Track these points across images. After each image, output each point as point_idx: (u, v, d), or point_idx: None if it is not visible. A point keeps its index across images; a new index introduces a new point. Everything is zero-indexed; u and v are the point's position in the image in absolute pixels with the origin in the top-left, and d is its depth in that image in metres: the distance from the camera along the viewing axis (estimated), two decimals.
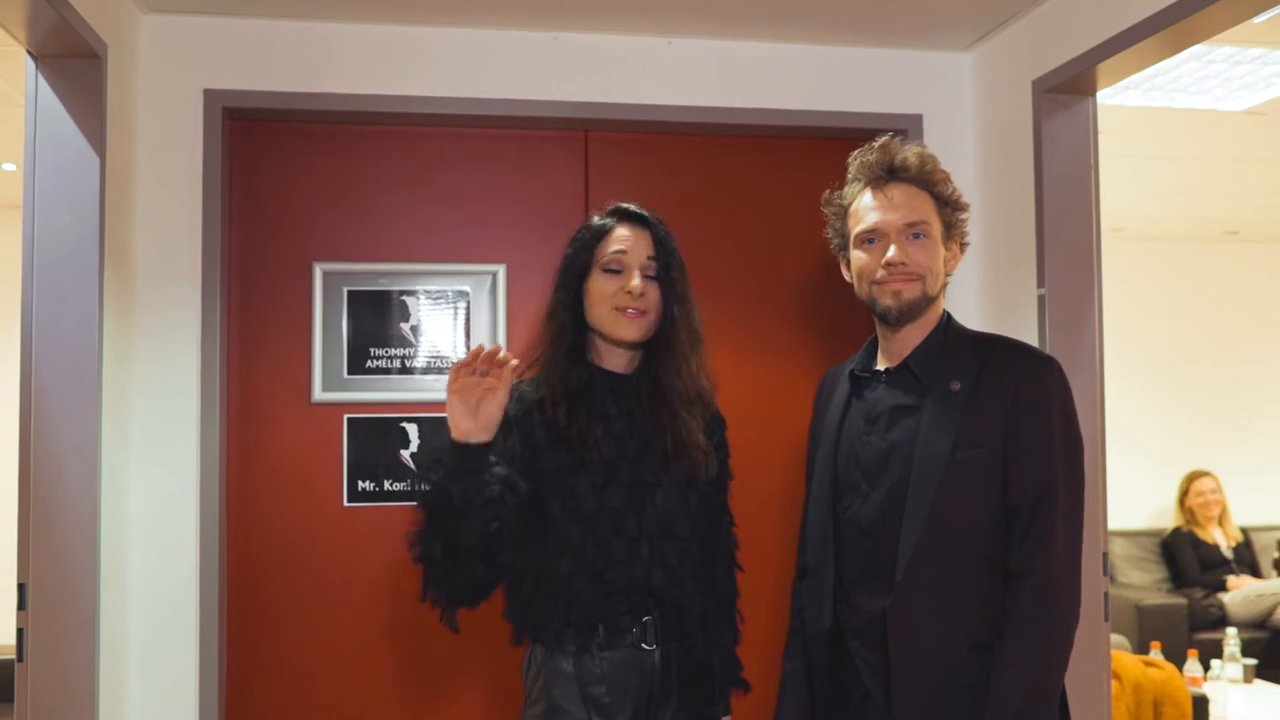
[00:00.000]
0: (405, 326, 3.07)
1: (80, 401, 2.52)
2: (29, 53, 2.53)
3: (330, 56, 2.99)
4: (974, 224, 3.16)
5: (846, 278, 2.18)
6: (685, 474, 2.12)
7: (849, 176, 2.17)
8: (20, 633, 2.49)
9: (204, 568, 2.86)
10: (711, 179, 3.22)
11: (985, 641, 1.93)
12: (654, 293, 2.13)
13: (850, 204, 2.15)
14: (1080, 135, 2.93)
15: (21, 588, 2.49)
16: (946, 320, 2.12)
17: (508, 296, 3.09)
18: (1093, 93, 2.90)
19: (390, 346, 3.07)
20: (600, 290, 2.12)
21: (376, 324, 3.06)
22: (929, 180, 2.10)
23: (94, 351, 2.53)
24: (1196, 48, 3.45)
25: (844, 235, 2.16)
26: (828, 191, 2.22)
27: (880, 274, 2.06)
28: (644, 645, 2.06)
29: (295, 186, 3.05)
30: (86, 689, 2.52)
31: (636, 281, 2.10)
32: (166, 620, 2.85)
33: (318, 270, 3.03)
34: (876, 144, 2.14)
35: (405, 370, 3.07)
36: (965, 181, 3.17)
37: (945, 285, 2.13)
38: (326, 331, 3.03)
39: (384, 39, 3.01)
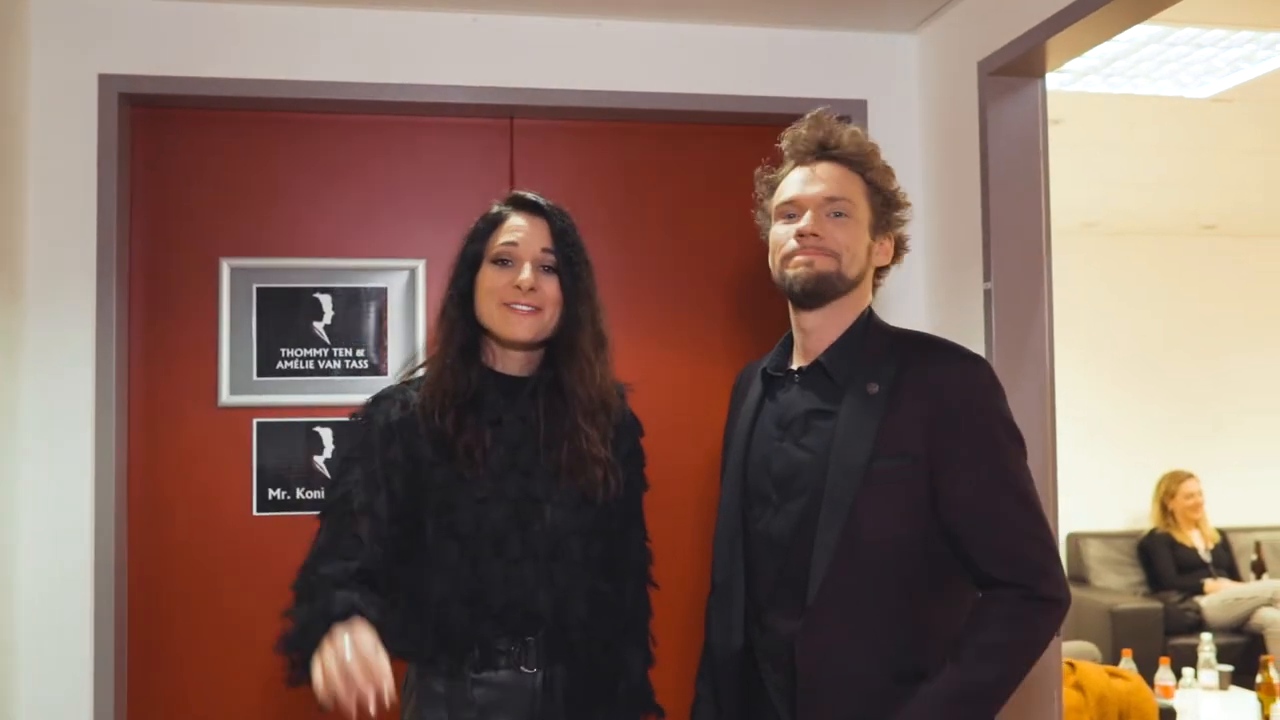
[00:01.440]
0: (319, 326, 2.90)
1: None
2: None
3: (237, 39, 2.82)
4: (920, 215, 3.03)
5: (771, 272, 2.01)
6: (580, 489, 1.94)
7: (784, 154, 2.00)
8: None
9: (99, 581, 2.69)
10: (642, 168, 3.06)
11: (911, 670, 1.74)
12: (550, 288, 1.95)
13: (779, 181, 1.98)
14: (1028, 120, 2.76)
15: None
16: (868, 316, 1.93)
17: (427, 293, 2.92)
18: (1041, 74, 2.74)
19: (303, 347, 2.90)
20: (489, 283, 1.94)
21: (288, 323, 2.89)
22: (862, 164, 1.92)
23: None
24: (1155, 29, 3.33)
25: (769, 214, 1.99)
26: (759, 168, 2.04)
27: (790, 244, 1.88)
28: (524, 668, 1.89)
29: (200, 178, 2.88)
30: None
31: (527, 274, 1.91)
32: (58, 637, 2.68)
33: (225, 266, 2.87)
34: (809, 116, 1.96)
35: (319, 372, 2.90)
36: (912, 171, 3.02)
37: (869, 278, 1.95)
38: (234, 331, 2.87)
39: (295, 20, 2.84)
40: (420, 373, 2.03)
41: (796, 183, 1.91)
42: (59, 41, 2.74)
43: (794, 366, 1.95)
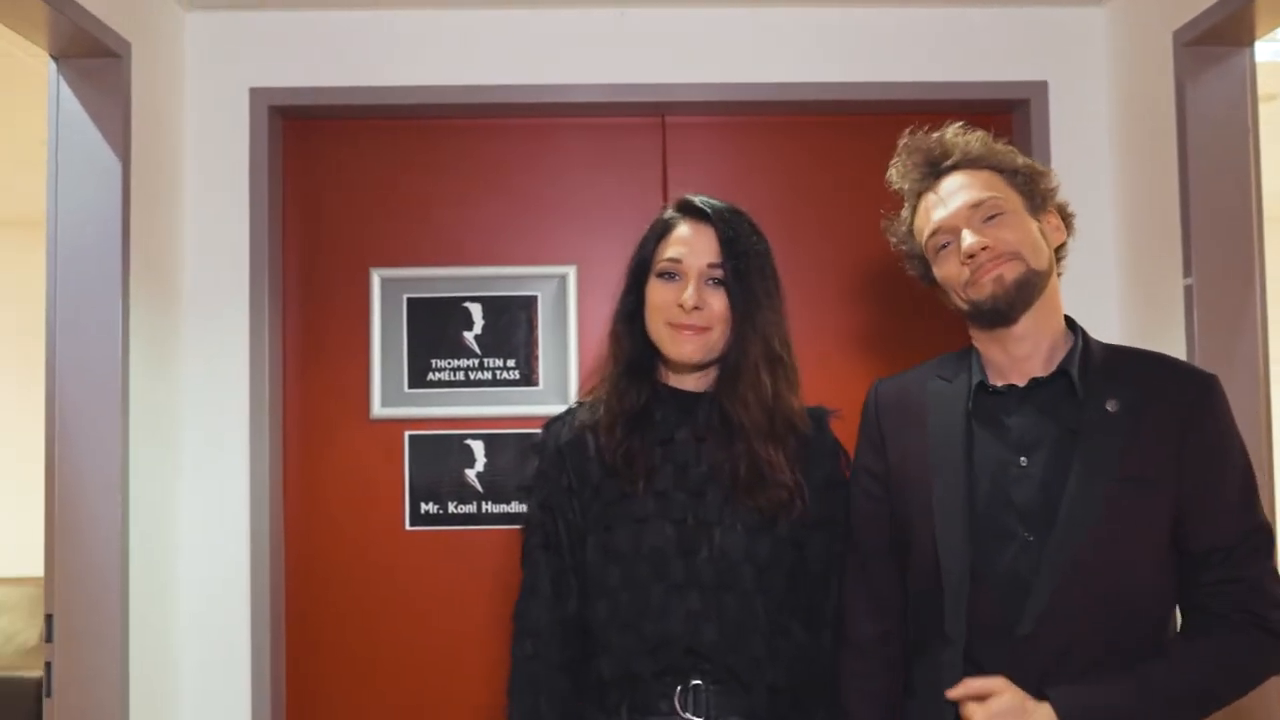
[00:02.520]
0: (469, 336, 2.84)
1: (103, 424, 2.36)
2: (51, 56, 2.39)
3: (384, 47, 2.78)
4: (1111, 205, 2.77)
5: (951, 305, 1.81)
6: (760, 513, 1.77)
7: (902, 195, 1.86)
8: (48, 666, 2.35)
9: (255, 594, 2.68)
10: (804, 163, 2.88)
11: None
12: (718, 304, 1.81)
13: (912, 222, 1.83)
14: (1234, 96, 2.47)
15: (49, 619, 2.36)
16: (1080, 329, 1.77)
17: (579, 300, 2.82)
18: (1249, 43, 2.45)
19: (453, 357, 2.83)
20: (655, 299, 1.83)
21: (438, 333, 2.83)
22: (980, 158, 1.76)
23: (117, 369, 2.36)
24: None
25: (924, 258, 1.82)
26: (883, 222, 1.92)
27: (965, 274, 1.70)
28: (689, 714, 1.72)
29: (350, 188, 2.85)
30: None
31: (690, 293, 1.78)
32: (218, 651, 2.69)
33: (375, 277, 2.83)
34: (902, 145, 1.83)
35: (469, 383, 2.83)
36: (1100, 157, 2.77)
37: (1056, 265, 1.76)
38: (385, 342, 2.82)
39: (439, 26, 2.78)
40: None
41: (933, 209, 1.76)
42: (212, 56, 2.76)
43: (1002, 384, 1.75)
